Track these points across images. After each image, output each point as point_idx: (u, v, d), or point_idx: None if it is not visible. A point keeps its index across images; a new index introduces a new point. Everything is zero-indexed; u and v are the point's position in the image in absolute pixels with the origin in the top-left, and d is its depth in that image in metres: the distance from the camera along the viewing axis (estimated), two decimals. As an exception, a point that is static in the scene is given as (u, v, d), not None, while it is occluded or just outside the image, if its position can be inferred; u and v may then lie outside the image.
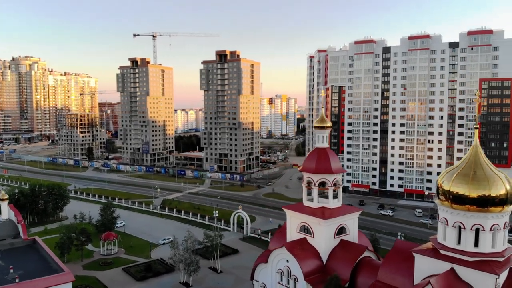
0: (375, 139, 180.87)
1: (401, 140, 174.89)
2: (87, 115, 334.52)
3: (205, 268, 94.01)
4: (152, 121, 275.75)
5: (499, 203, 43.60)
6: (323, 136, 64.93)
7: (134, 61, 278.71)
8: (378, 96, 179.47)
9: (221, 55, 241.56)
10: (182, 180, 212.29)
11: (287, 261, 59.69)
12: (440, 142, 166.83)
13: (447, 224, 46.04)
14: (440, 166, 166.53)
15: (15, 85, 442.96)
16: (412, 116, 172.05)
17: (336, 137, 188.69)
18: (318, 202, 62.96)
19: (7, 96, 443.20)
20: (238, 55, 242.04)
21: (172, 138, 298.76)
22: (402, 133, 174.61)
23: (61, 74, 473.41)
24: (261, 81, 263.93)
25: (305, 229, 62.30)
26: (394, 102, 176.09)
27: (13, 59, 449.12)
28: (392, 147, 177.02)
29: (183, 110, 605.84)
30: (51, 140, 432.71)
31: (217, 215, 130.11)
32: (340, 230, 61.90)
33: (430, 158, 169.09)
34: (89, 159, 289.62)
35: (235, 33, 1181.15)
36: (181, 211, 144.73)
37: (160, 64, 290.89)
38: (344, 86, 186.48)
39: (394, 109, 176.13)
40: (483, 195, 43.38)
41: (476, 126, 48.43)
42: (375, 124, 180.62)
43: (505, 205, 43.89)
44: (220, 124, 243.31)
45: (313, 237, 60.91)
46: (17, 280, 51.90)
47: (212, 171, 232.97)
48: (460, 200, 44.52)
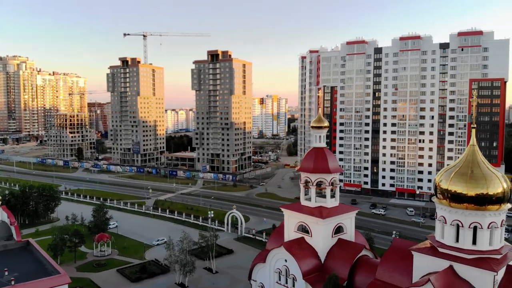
0: (366, 139, 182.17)
1: (393, 140, 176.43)
2: (76, 115, 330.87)
3: (200, 268, 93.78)
4: (143, 121, 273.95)
5: (496, 202, 44.27)
6: (320, 136, 65.19)
7: (124, 61, 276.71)
8: (369, 96, 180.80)
9: (213, 55, 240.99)
10: (174, 180, 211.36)
11: (286, 260, 59.78)
12: (431, 141, 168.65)
13: (445, 223, 46.56)
14: (431, 165, 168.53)
15: (2, 85, 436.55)
16: (403, 116, 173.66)
17: (328, 137, 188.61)
18: (316, 201, 63.18)
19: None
20: (230, 55, 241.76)
21: (163, 138, 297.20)
22: (393, 132, 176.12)
23: (50, 74, 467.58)
24: (251, 81, 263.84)
25: (303, 228, 62.47)
26: (386, 102, 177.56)
27: (1, 59, 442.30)
28: (384, 147, 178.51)
29: (173, 110, 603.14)
30: (39, 140, 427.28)
31: (212, 215, 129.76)
32: (338, 229, 62.21)
33: (421, 157, 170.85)
34: (79, 160, 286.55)
35: (226, 33, 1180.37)
36: (174, 212, 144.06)
37: (150, 64, 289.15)
38: (336, 86, 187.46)
39: (385, 109, 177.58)
40: (481, 194, 43.99)
41: (473, 126, 49.07)
42: (367, 124, 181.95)
43: (502, 203, 44.60)
44: (212, 124, 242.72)
45: (311, 236, 61.09)
46: (13, 282, 51.07)
47: (204, 171, 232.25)
48: (458, 199, 45.07)
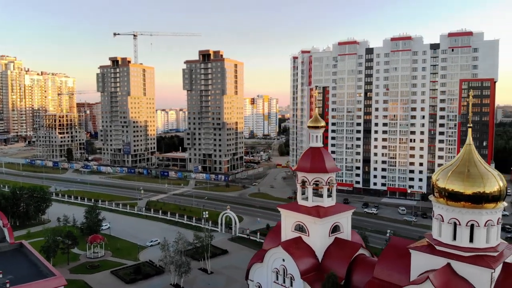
0: (358, 139, 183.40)
1: (384, 140, 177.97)
2: (65, 116, 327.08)
3: (195, 269, 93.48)
4: (134, 122, 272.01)
5: (492, 200, 44.89)
6: (317, 136, 65.46)
7: (114, 61, 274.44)
8: (361, 96, 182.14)
9: (205, 55, 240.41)
10: (166, 181, 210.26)
11: (283, 260, 59.83)
12: (422, 141, 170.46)
13: (442, 221, 47.05)
14: (422, 164, 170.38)
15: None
16: (395, 116, 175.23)
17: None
18: (313, 201, 63.37)
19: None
20: (222, 55, 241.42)
21: (154, 139, 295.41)
22: (384, 132, 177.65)
23: (38, 74, 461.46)
24: (243, 81, 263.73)
25: (300, 228, 62.61)
26: (377, 102, 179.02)
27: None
28: (375, 147, 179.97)
29: (163, 110, 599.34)
30: (28, 141, 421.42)
31: (207, 216, 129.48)
32: (335, 228, 62.45)
33: (412, 157, 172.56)
34: (69, 161, 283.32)
35: (217, 33, 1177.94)
36: (167, 213, 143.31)
37: (141, 64, 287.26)
38: (328, 86, 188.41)
39: (377, 109, 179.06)
40: (478, 192, 44.54)
41: (469, 125, 49.63)
42: (358, 124, 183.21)
43: (498, 201, 45.25)
44: (204, 124, 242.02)
45: (308, 235, 61.24)
46: (8, 285, 50.20)
47: (196, 172, 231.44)
48: (455, 197, 45.57)
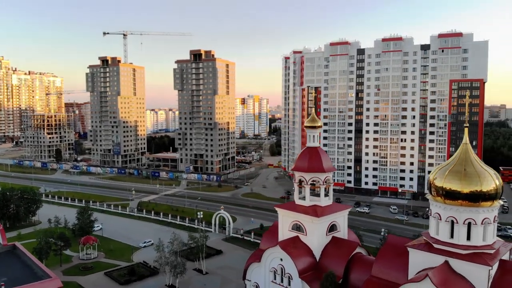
0: (350, 139, 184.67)
1: (375, 139, 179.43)
2: (54, 116, 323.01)
3: (190, 269, 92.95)
4: (124, 122, 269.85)
5: (489, 198, 45.65)
6: (314, 136, 65.76)
7: (104, 60, 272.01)
8: (352, 96, 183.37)
9: (196, 55, 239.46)
10: (157, 181, 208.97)
11: (281, 259, 59.99)
12: (412, 141, 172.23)
13: (440, 219, 47.71)
14: (412, 164, 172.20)
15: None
16: (386, 116, 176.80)
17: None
18: (310, 200, 63.66)
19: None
20: (213, 55, 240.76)
21: (144, 139, 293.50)
22: (376, 132, 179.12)
23: (25, 74, 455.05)
24: (235, 81, 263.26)
25: (297, 227, 62.84)
26: (368, 102, 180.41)
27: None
28: (367, 146, 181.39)
29: (153, 110, 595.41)
30: (15, 142, 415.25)
31: (202, 216, 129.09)
32: (332, 228, 62.84)
33: (403, 156, 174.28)
34: (58, 161, 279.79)
35: (206, 33, 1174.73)
36: (160, 213, 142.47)
37: (131, 63, 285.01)
38: (320, 87, 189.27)
39: (368, 109, 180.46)
40: (475, 191, 45.26)
41: (466, 125, 50.33)
42: (350, 124, 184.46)
43: (494, 199, 46.05)
44: (196, 124, 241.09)
45: (306, 235, 61.52)
46: (3, 287, 49.63)
47: (188, 172, 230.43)
48: (453, 196, 46.23)
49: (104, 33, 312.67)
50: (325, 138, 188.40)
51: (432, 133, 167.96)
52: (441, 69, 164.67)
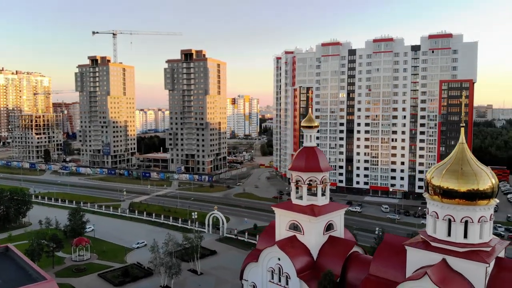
0: (341, 139, 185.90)
1: (366, 139, 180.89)
2: (42, 116, 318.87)
3: (185, 270, 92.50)
4: (113, 122, 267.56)
5: (485, 197, 46.32)
6: (311, 136, 66.09)
7: (94, 60, 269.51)
8: (344, 97, 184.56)
9: (187, 54, 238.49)
10: (148, 182, 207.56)
11: (279, 259, 60.08)
12: (403, 141, 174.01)
13: (437, 218, 48.26)
14: (403, 163, 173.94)
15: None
16: (377, 116, 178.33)
17: (303, 136, 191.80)
18: (307, 200, 63.88)
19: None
20: (204, 55, 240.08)
21: (134, 139, 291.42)
22: (367, 132, 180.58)
23: (13, 73, 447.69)
24: (226, 81, 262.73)
25: (294, 227, 63.00)
26: (360, 102, 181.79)
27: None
28: (358, 146, 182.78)
29: (142, 110, 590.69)
30: (2, 142, 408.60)
31: (196, 217, 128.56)
32: (329, 227, 63.18)
33: (394, 156, 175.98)
34: (46, 162, 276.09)
35: (197, 33, 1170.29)
36: (152, 214, 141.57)
37: (121, 63, 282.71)
38: (312, 87, 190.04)
39: (359, 110, 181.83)
40: (472, 189, 45.89)
41: (462, 125, 51.12)
42: (342, 124, 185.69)
43: (491, 198, 46.74)
44: (187, 124, 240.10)
45: (303, 234, 61.71)
46: (-2, 290, 48.81)
47: (179, 173, 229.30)
48: (450, 195, 46.81)
49: (94, 32, 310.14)
50: (317, 138, 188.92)
51: (422, 133, 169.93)
52: (431, 70, 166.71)
